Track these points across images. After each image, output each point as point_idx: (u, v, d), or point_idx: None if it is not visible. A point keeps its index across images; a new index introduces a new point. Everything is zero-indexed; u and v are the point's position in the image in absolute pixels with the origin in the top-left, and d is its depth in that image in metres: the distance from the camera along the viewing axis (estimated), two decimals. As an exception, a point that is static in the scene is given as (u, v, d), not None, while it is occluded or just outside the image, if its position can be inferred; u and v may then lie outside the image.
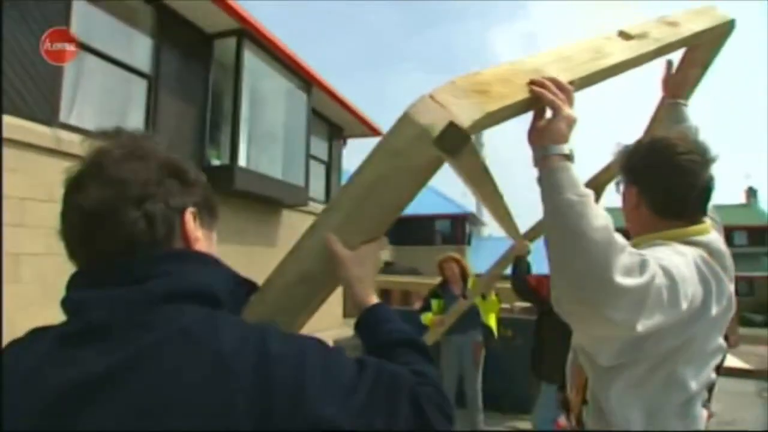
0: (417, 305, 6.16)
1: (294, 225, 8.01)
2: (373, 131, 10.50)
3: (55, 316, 2.82)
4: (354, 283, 0.87)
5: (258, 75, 6.77)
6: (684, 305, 0.93)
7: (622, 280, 0.83)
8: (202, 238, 0.74)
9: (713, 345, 1.09)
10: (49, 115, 4.24)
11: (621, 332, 0.91)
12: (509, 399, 4.84)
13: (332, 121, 9.57)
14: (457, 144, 0.84)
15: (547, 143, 0.96)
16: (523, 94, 0.98)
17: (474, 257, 22.89)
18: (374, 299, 0.87)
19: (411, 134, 0.84)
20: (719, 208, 1.33)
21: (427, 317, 4.20)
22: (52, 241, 3.10)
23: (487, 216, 32.63)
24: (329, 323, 8.99)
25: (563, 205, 0.90)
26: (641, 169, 1.18)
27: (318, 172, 9.35)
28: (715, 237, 1.14)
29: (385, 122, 10.23)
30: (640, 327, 0.87)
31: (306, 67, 7.55)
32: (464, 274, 4.43)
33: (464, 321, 4.09)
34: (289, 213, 7.90)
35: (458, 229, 23.40)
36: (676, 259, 0.98)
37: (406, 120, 0.85)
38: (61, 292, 2.53)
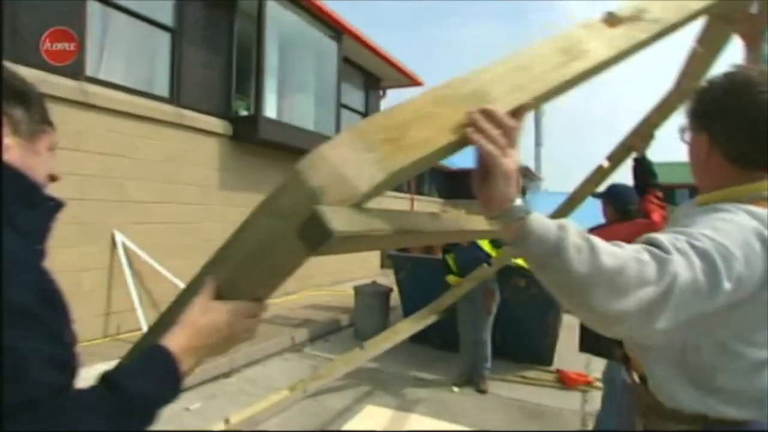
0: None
1: (326, 176, 8.17)
2: (413, 81, 10.28)
3: (91, 252, 3.35)
4: (181, 324, 0.77)
5: (283, 24, 6.77)
6: (727, 286, 0.82)
7: (626, 303, 0.76)
8: (14, 146, 0.77)
9: None
10: (75, 70, 4.51)
11: (643, 333, 0.84)
12: (522, 348, 4.82)
13: (369, 71, 9.45)
14: (319, 241, 0.64)
15: (493, 212, 0.80)
16: (448, 135, 0.75)
17: (529, 213, 22.36)
18: (172, 344, 0.75)
19: (297, 196, 0.68)
20: None
21: (451, 278, 4.27)
22: (84, 186, 3.56)
23: (544, 170, 31.40)
24: (365, 273, 9.25)
25: (545, 277, 0.81)
26: (714, 110, 1.01)
27: (353, 122, 9.37)
28: None
29: (432, 75, 9.99)
30: (662, 325, 0.79)
31: (335, 16, 7.43)
32: None
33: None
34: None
35: (512, 183, 22.74)
36: (726, 235, 0.86)
37: (294, 177, 0.68)
38: (97, 231, 3.04)
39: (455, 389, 4.24)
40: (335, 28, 7.58)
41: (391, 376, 4.51)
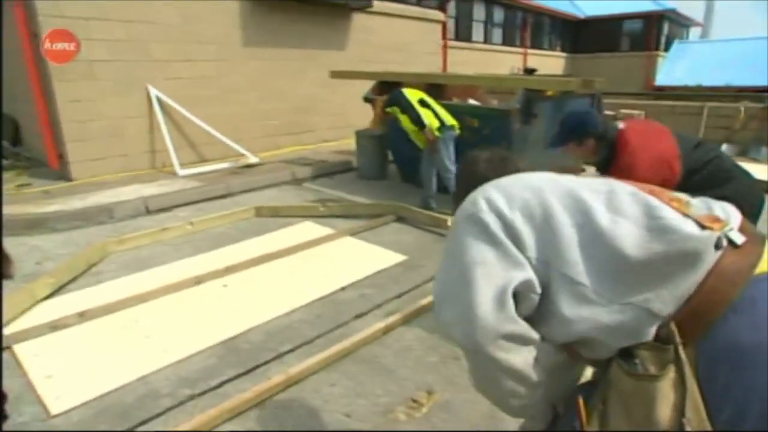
0: None
1: (361, 27, 8.29)
2: None
3: (125, 104, 6.77)
4: None
5: None
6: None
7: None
8: None
9: None
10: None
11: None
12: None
13: None
14: None
15: None
16: None
17: (670, 67, 18.91)
18: None
19: None
20: None
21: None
22: (113, 50, 5.27)
23: (719, 13, 24.70)
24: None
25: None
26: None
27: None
28: None
29: None
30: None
31: None
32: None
33: None
34: (358, 15, 8.15)
35: (651, 31, 19.22)
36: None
37: None
38: (128, 88, 6.71)
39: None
40: None
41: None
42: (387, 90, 5.76)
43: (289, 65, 7.41)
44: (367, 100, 5.71)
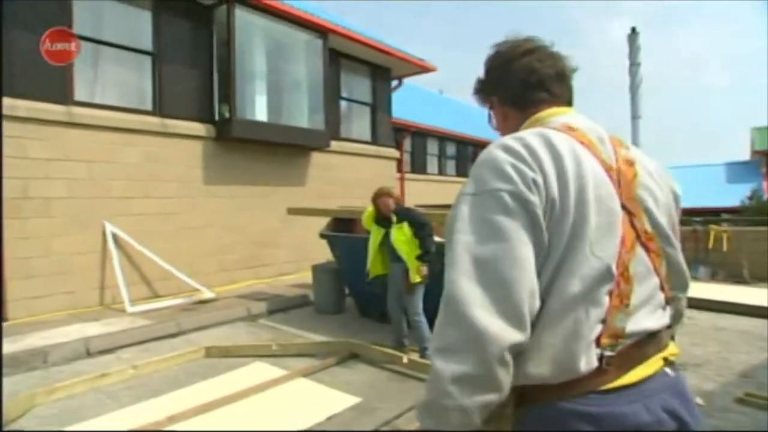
0: None
1: (320, 165, 8.81)
2: (423, 68, 10.47)
3: (78, 240, 5.09)
4: None
5: (262, 31, 7.56)
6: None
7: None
8: None
9: None
10: (63, 96, 5.68)
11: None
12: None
13: (373, 63, 9.85)
14: None
15: None
16: None
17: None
18: None
19: None
20: None
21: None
22: (72, 187, 5.27)
23: (643, 143, 28.04)
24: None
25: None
26: (489, 79, 1.18)
27: (361, 113, 9.93)
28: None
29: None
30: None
31: (315, 19, 8.02)
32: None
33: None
34: (317, 154, 8.71)
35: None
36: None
37: None
38: (83, 224, 4.75)
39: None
40: (317, 30, 8.15)
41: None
42: (342, 226, 6.00)
43: (249, 201, 7.66)
44: (323, 236, 5.88)
